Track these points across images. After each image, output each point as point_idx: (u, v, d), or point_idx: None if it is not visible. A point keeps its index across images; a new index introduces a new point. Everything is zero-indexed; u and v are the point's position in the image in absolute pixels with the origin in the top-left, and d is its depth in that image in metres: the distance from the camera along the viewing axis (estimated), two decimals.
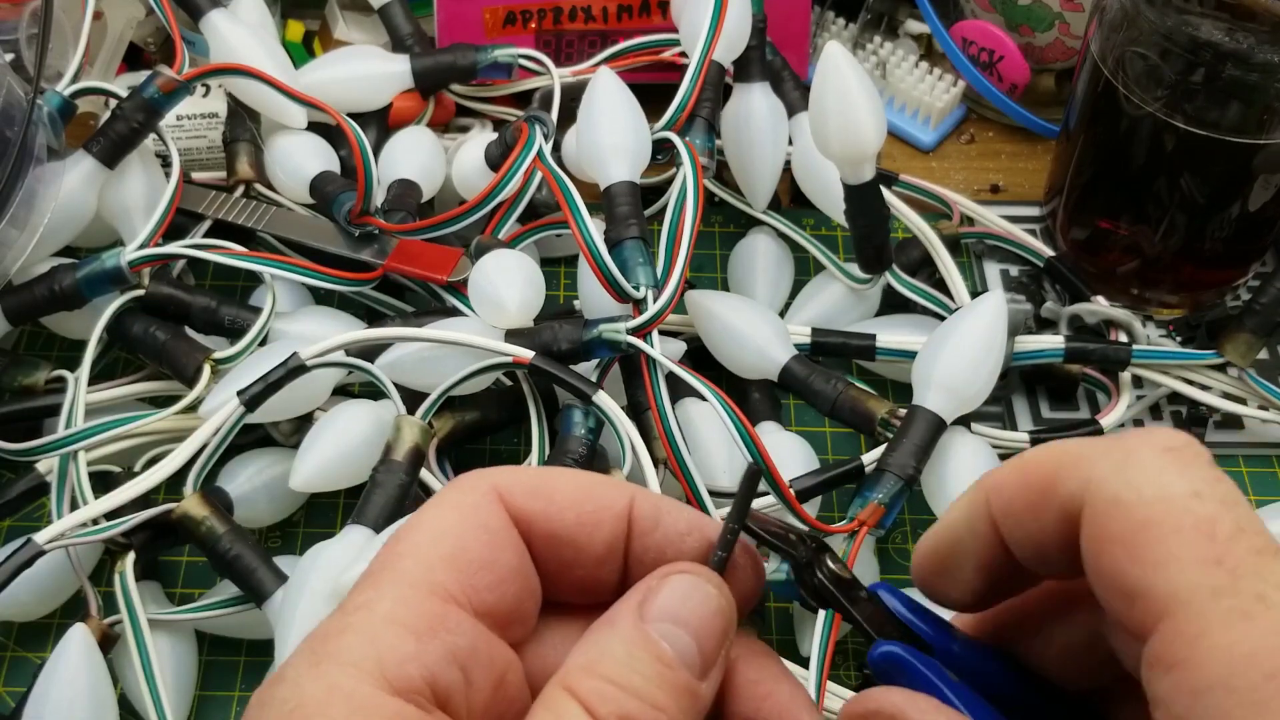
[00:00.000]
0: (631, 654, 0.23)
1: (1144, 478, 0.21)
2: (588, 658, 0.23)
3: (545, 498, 0.24)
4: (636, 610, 0.23)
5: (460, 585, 0.23)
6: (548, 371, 0.45)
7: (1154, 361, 0.53)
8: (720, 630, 0.24)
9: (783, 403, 0.54)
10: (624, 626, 0.23)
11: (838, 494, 0.51)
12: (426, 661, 0.22)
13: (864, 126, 0.47)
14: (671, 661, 0.23)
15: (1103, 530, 0.21)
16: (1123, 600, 0.20)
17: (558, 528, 0.24)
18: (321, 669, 0.21)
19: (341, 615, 0.23)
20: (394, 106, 0.59)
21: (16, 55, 0.56)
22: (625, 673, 0.22)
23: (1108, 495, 0.21)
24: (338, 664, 0.21)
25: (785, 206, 0.61)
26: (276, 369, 0.45)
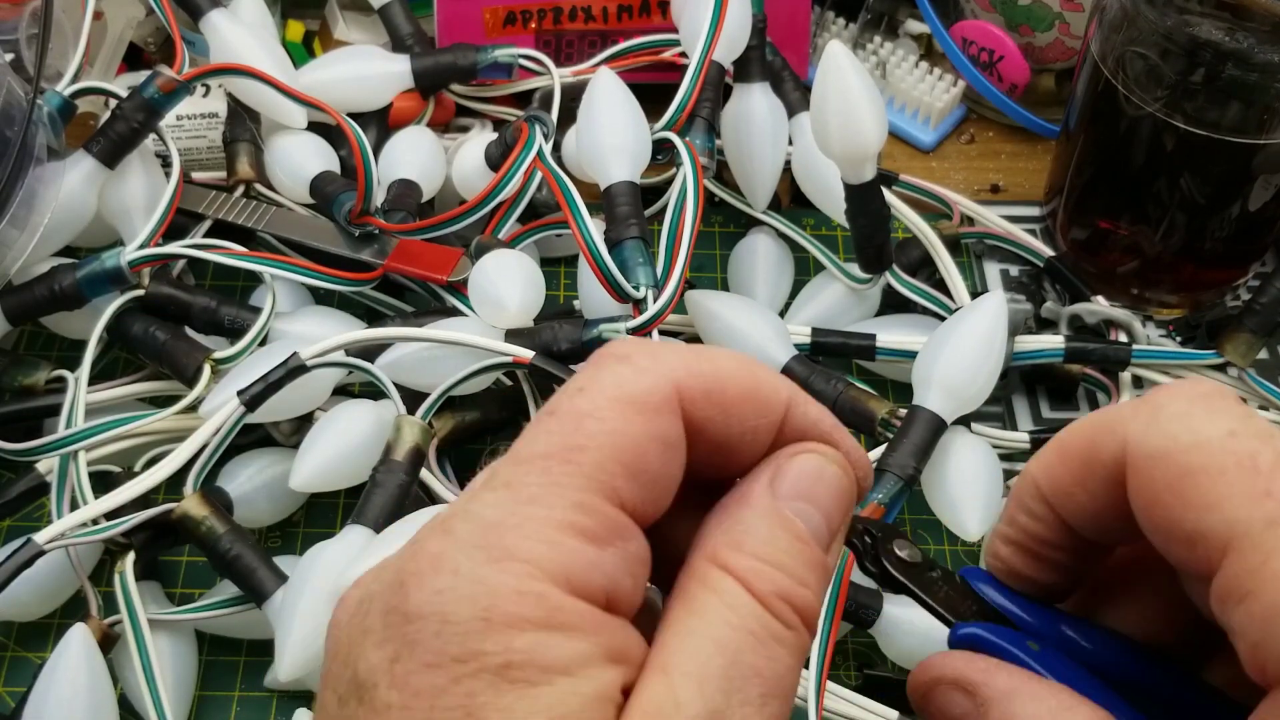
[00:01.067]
0: (773, 532, 0.23)
1: (1178, 426, 0.21)
2: (731, 535, 0.23)
3: (719, 405, 0.24)
4: (769, 488, 0.24)
5: (633, 494, 0.22)
6: (548, 371, 0.45)
7: (1154, 361, 0.53)
8: (844, 507, 0.25)
9: None
10: (761, 504, 0.24)
11: None
12: (606, 570, 0.21)
13: (865, 126, 0.47)
14: (806, 537, 0.23)
15: (1149, 484, 0.22)
16: (1184, 546, 0.21)
17: (726, 437, 0.24)
18: (504, 565, 0.21)
19: (514, 503, 0.22)
20: (394, 106, 0.59)
21: (16, 55, 0.56)
22: (772, 550, 0.23)
23: (1147, 451, 0.22)
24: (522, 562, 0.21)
25: (785, 206, 0.61)
26: (277, 369, 0.45)
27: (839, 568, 0.43)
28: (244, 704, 0.46)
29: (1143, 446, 0.22)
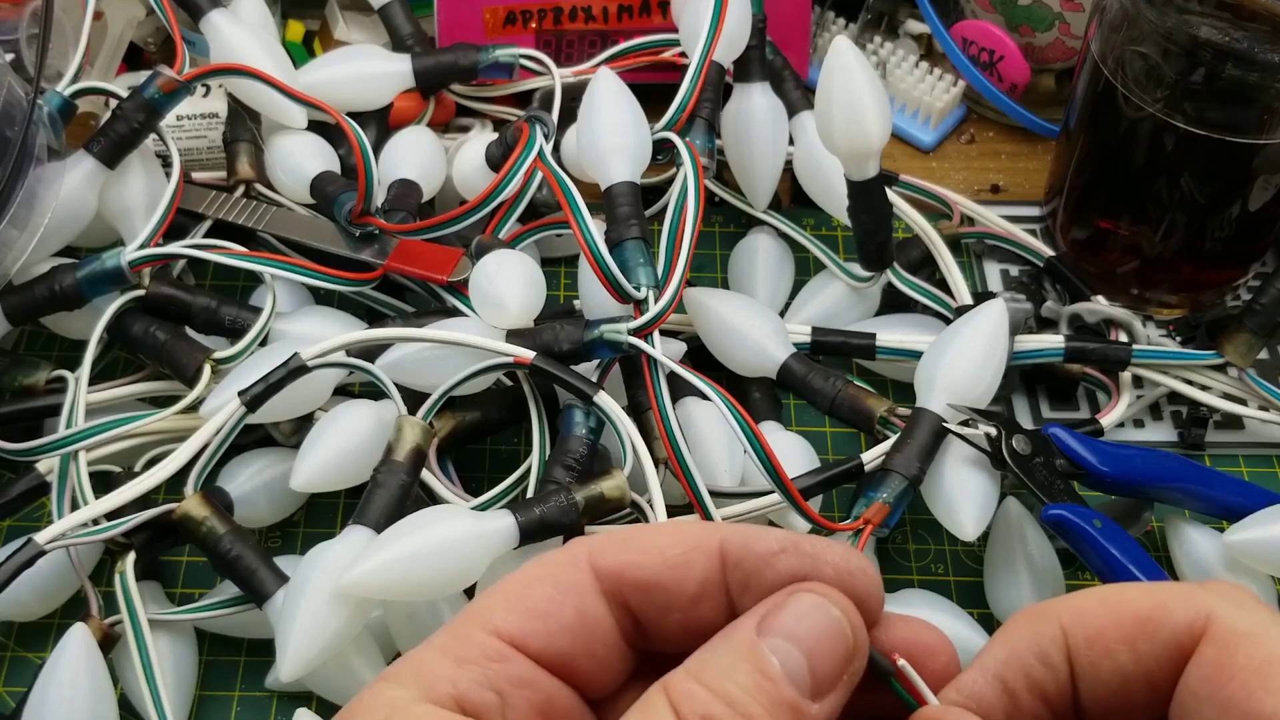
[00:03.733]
0: (734, 663, 0.23)
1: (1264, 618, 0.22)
2: (694, 663, 0.23)
3: (633, 549, 0.25)
4: (755, 625, 0.24)
5: (509, 626, 0.24)
6: (549, 372, 0.45)
7: (1154, 361, 0.53)
8: (840, 653, 0.23)
9: (783, 402, 0.54)
10: (738, 638, 0.23)
11: (837, 493, 0.51)
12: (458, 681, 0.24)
13: (869, 122, 0.47)
14: (776, 676, 0.23)
15: (1231, 659, 0.22)
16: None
17: (647, 574, 0.25)
18: (374, 685, 0.24)
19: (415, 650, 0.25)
20: (394, 106, 0.59)
21: (16, 55, 0.56)
22: (721, 679, 0.23)
23: (1239, 628, 0.22)
24: (385, 680, 0.24)
25: (785, 206, 0.61)
26: (277, 369, 0.45)
27: None
28: (244, 704, 0.46)
29: (1233, 620, 0.22)
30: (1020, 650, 0.24)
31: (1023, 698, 0.24)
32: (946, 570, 0.50)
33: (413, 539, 0.40)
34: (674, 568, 0.25)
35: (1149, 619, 0.23)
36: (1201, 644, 0.23)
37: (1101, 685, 0.24)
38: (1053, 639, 0.24)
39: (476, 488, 0.48)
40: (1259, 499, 0.47)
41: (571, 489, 0.42)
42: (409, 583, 0.40)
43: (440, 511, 0.41)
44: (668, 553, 0.25)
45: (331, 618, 0.40)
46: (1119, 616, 0.24)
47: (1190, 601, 0.23)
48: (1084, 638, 0.24)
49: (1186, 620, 0.23)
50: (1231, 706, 0.22)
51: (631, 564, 0.25)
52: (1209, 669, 0.22)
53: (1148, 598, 0.24)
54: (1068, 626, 0.24)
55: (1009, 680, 0.24)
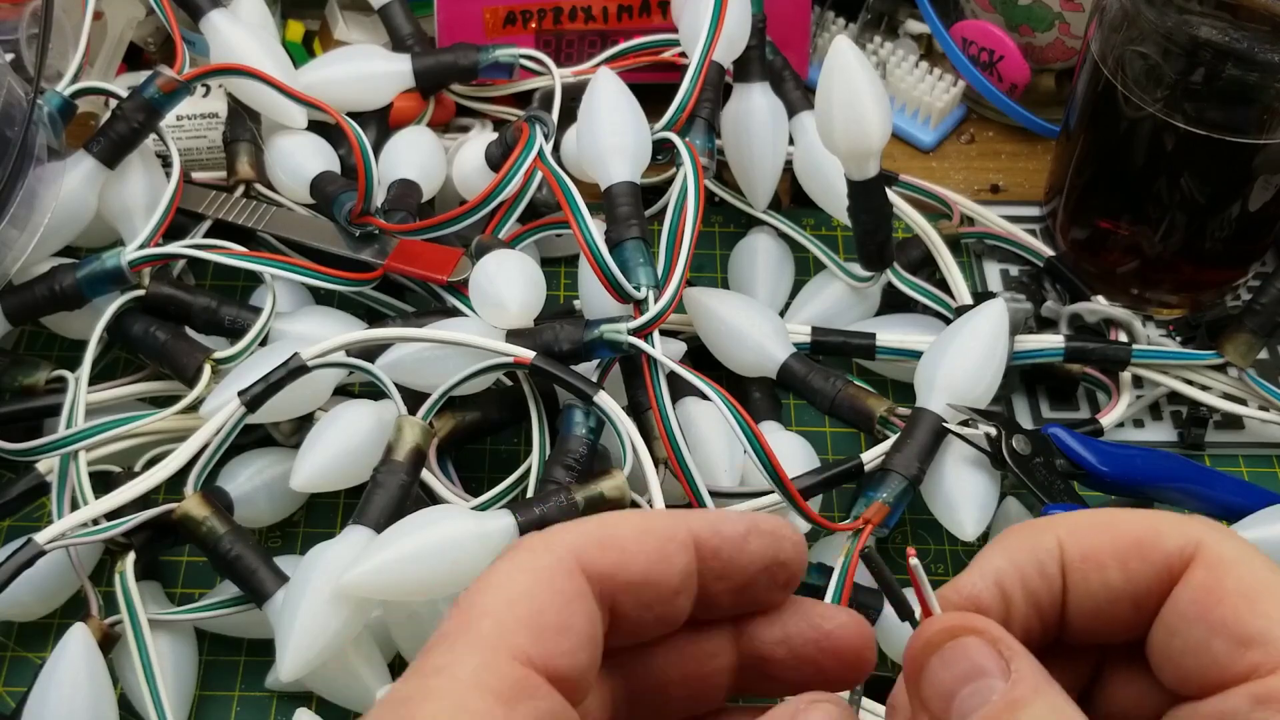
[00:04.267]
0: None
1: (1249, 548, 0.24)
2: None
3: (616, 548, 0.25)
4: None
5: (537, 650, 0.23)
6: (549, 372, 0.45)
7: (1154, 361, 0.53)
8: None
9: (783, 402, 0.54)
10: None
11: (837, 493, 0.51)
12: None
13: (870, 122, 0.47)
14: None
15: (1220, 582, 0.23)
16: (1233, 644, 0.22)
17: (635, 574, 0.25)
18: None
19: (420, 679, 0.23)
20: (394, 106, 0.59)
21: (16, 55, 0.56)
22: None
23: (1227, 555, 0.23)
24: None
25: (785, 206, 0.61)
26: (277, 370, 0.45)
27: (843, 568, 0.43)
28: (244, 704, 0.46)
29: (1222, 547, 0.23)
30: (1019, 560, 0.25)
31: (1017, 605, 0.25)
32: (946, 570, 0.50)
33: (413, 539, 0.40)
34: (656, 563, 0.25)
35: (1142, 541, 0.24)
36: (1191, 568, 0.23)
37: (1090, 599, 0.24)
38: (1049, 551, 0.25)
39: (476, 488, 0.48)
40: (1259, 499, 0.47)
41: (572, 489, 0.42)
42: (409, 583, 0.40)
43: (440, 511, 0.41)
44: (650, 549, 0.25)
45: (332, 618, 0.40)
46: (1114, 536, 0.24)
47: (1182, 529, 0.24)
48: (1079, 553, 0.25)
49: (1178, 545, 0.24)
50: (1220, 627, 0.23)
51: (619, 565, 0.25)
52: (1199, 591, 0.23)
53: (1142, 522, 0.24)
54: (1064, 541, 0.25)
55: (1006, 587, 0.25)
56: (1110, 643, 0.25)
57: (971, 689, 0.22)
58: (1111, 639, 0.25)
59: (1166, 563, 0.24)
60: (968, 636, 0.23)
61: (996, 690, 0.22)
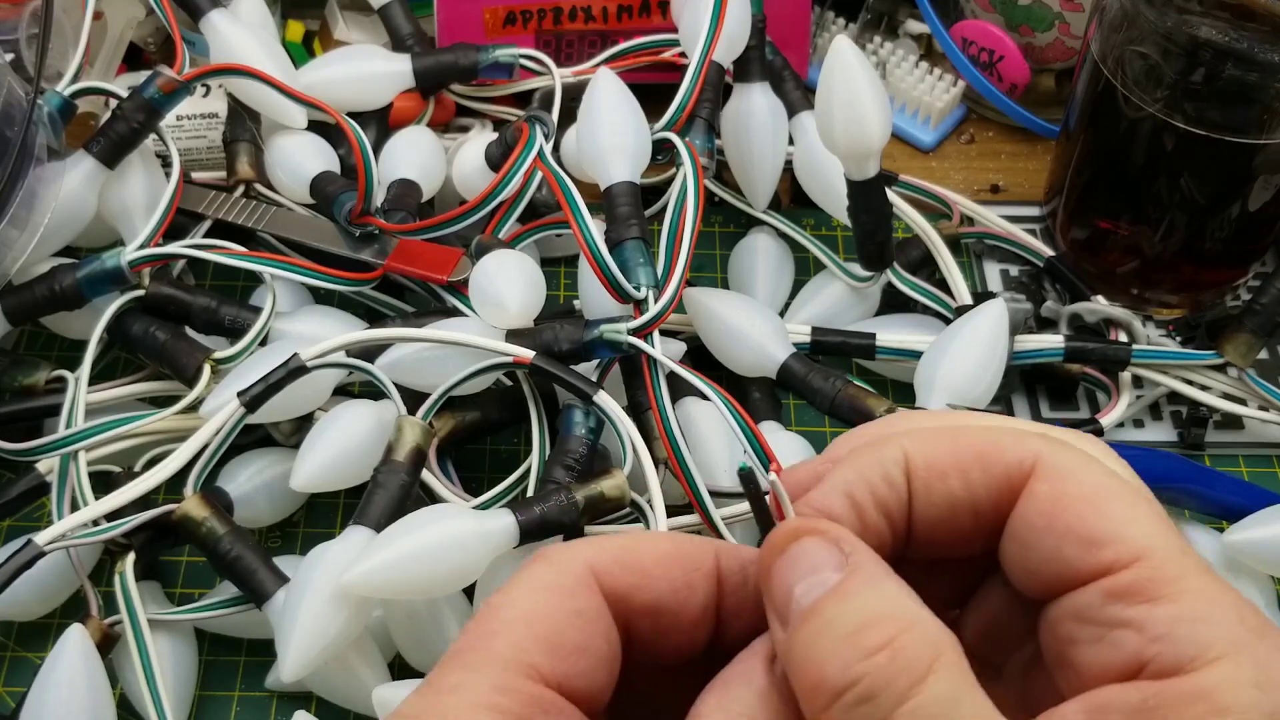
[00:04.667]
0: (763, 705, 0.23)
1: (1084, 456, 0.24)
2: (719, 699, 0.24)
3: (637, 570, 0.25)
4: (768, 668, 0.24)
5: (554, 668, 0.23)
6: (549, 371, 0.45)
7: (1154, 361, 0.53)
8: None
9: (783, 402, 0.54)
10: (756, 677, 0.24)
11: None
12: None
13: (870, 121, 0.47)
14: None
15: (1062, 491, 0.24)
16: (1083, 547, 0.23)
17: (653, 599, 0.25)
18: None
19: (434, 695, 0.23)
20: (394, 106, 0.59)
21: (16, 55, 0.56)
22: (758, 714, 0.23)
23: (1065, 465, 0.24)
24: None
25: (785, 206, 0.61)
26: (277, 370, 0.45)
27: None
28: (244, 704, 0.46)
29: (1060, 460, 0.24)
30: (866, 471, 0.25)
31: (869, 514, 0.25)
32: None
33: (413, 538, 0.40)
34: (678, 591, 0.25)
35: (983, 453, 0.25)
36: (1032, 480, 0.24)
37: (932, 508, 0.25)
38: (895, 460, 0.25)
39: (476, 488, 0.48)
40: (1259, 499, 0.47)
41: (572, 488, 0.42)
42: (410, 581, 0.40)
43: (440, 510, 0.41)
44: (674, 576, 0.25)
45: (333, 618, 0.40)
46: (956, 448, 0.25)
47: (1020, 442, 0.25)
48: (922, 461, 0.25)
49: (1016, 457, 0.24)
50: (1067, 533, 0.23)
51: (638, 587, 0.25)
52: (1043, 502, 0.24)
53: (984, 435, 0.25)
54: (909, 451, 0.25)
55: (857, 497, 0.25)
56: (952, 556, 0.26)
57: (809, 582, 0.23)
58: (953, 551, 0.26)
59: (1006, 474, 0.24)
60: (808, 537, 0.24)
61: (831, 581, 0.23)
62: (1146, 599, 0.22)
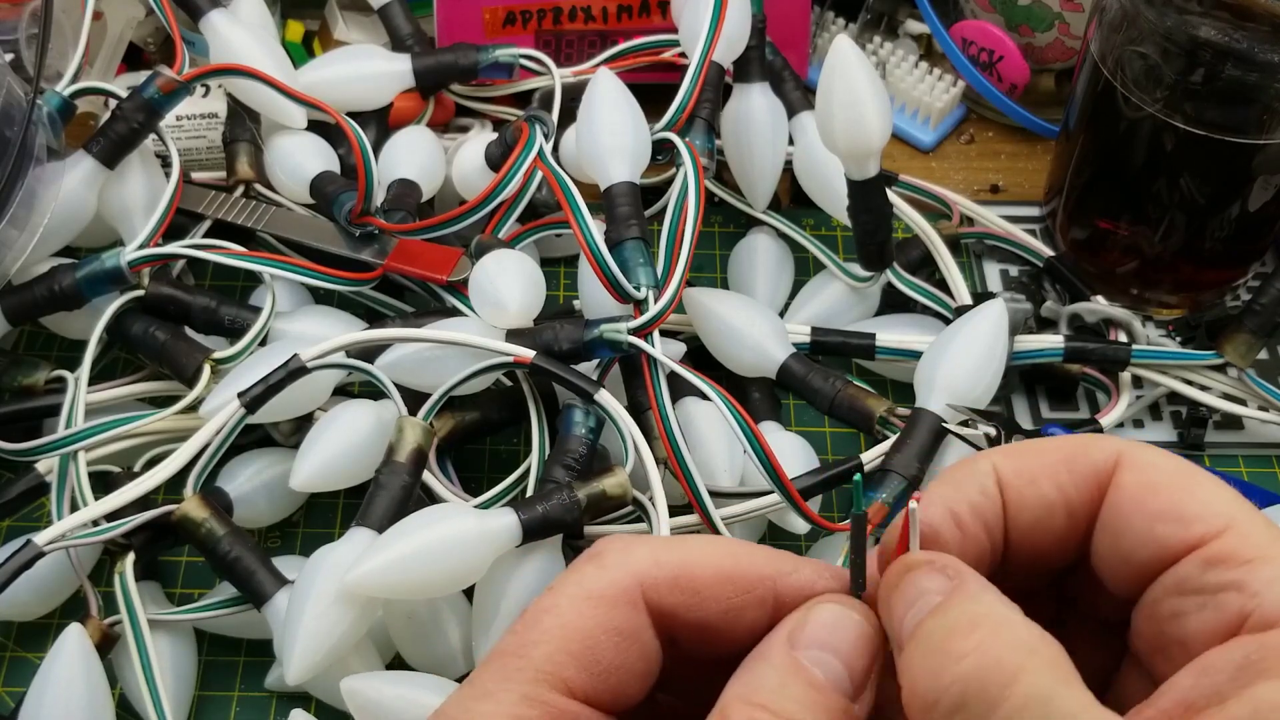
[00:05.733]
0: (784, 681, 0.24)
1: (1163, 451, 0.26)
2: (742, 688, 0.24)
3: (689, 590, 0.25)
4: (786, 641, 0.25)
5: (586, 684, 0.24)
6: (549, 371, 0.45)
7: (1154, 361, 0.53)
8: (869, 652, 0.25)
9: (783, 402, 0.54)
10: (776, 657, 0.24)
11: (837, 493, 0.51)
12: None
13: (870, 121, 0.47)
14: (823, 685, 0.24)
15: (1148, 478, 0.25)
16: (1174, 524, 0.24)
17: (701, 618, 0.25)
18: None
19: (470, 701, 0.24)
20: (394, 106, 0.59)
21: (16, 55, 0.56)
22: (779, 699, 0.23)
23: (1146, 457, 0.26)
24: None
25: (785, 206, 0.61)
26: (277, 371, 0.45)
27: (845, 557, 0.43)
28: (244, 704, 0.46)
29: (1143, 453, 0.26)
30: (964, 486, 0.26)
31: (969, 527, 0.26)
32: None
33: (415, 538, 0.40)
34: (727, 613, 0.25)
35: (1068, 457, 0.26)
36: (1117, 474, 0.25)
37: (1027, 512, 0.26)
38: (986, 472, 0.26)
39: (476, 488, 0.48)
40: (1259, 499, 0.47)
41: (574, 487, 0.42)
42: (412, 581, 0.40)
43: (442, 510, 0.41)
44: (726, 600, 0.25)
45: (338, 621, 0.40)
46: (1042, 456, 0.26)
47: (1103, 444, 0.26)
48: (1011, 471, 0.26)
49: (1101, 457, 0.26)
50: (1159, 514, 0.25)
51: (686, 607, 0.25)
52: (1131, 489, 0.25)
53: (1067, 443, 0.27)
54: (998, 464, 0.26)
55: (957, 512, 0.26)
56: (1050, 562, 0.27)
57: (917, 607, 0.24)
58: (1050, 555, 0.26)
59: (1094, 471, 0.26)
60: (916, 570, 0.24)
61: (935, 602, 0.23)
62: (1242, 562, 0.23)
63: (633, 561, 0.25)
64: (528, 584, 0.42)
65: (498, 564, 0.41)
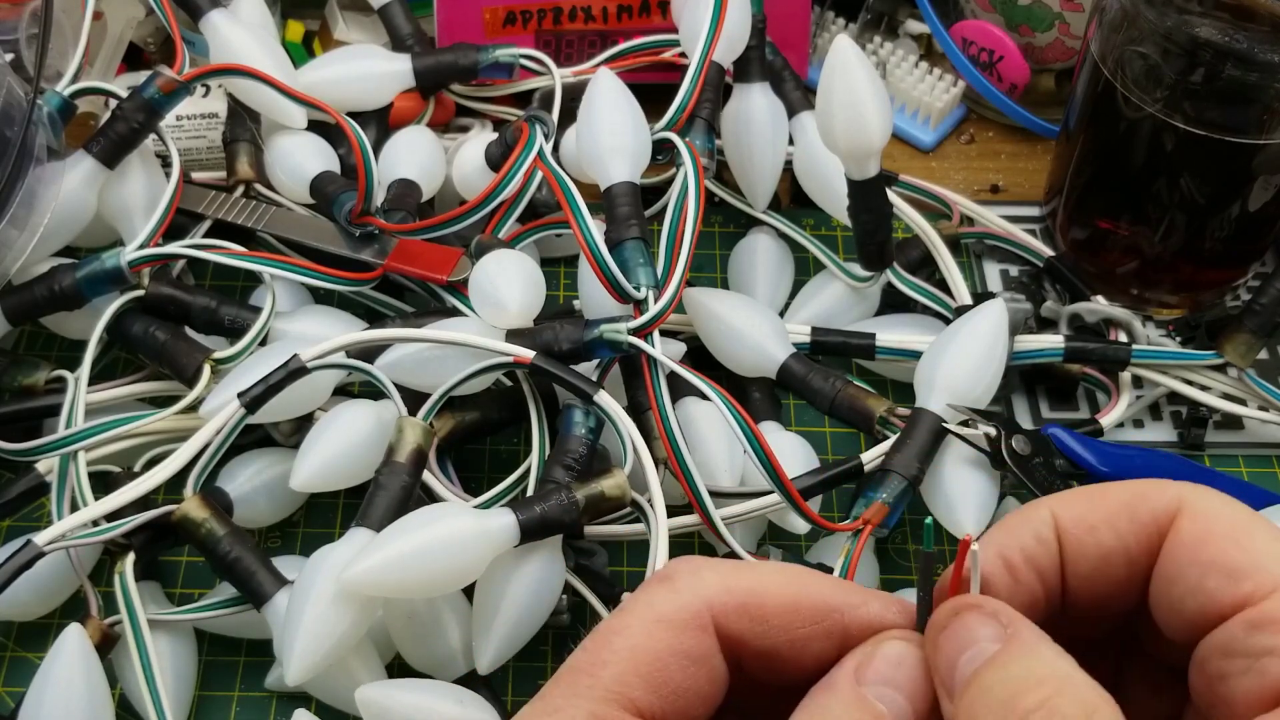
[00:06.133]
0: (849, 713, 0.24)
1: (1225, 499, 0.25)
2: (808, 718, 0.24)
3: (757, 617, 0.26)
4: (853, 675, 0.25)
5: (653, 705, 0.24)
6: (549, 371, 0.45)
7: (1154, 361, 0.53)
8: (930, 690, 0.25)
9: (783, 402, 0.54)
10: (842, 691, 0.25)
11: (837, 493, 0.51)
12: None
13: (871, 120, 0.47)
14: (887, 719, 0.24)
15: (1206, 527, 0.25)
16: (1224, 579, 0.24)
17: (768, 646, 0.26)
18: None
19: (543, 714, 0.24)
20: (394, 106, 0.59)
21: (16, 55, 0.56)
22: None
23: (1208, 505, 0.25)
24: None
25: (785, 206, 0.61)
26: (277, 371, 0.45)
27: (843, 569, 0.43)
28: (244, 704, 0.46)
29: (1205, 501, 0.25)
30: (1018, 532, 0.26)
31: (1021, 573, 0.26)
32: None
33: (414, 536, 0.40)
34: (794, 643, 0.26)
35: (1129, 503, 0.26)
36: (1177, 520, 0.25)
37: (1085, 560, 0.26)
38: (1044, 520, 0.26)
39: (476, 488, 0.48)
40: (1259, 499, 0.47)
41: (573, 487, 0.42)
42: (409, 580, 0.40)
43: (441, 509, 0.41)
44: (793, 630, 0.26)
45: (338, 621, 0.40)
46: (1102, 502, 0.26)
47: (1164, 490, 0.26)
48: (1071, 519, 0.26)
49: (1162, 504, 0.25)
50: (1211, 565, 0.24)
51: (754, 634, 0.26)
52: (1188, 536, 0.25)
53: (1127, 489, 0.26)
54: (1056, 511, 0.26)
55: (1010, 558, 0.26)
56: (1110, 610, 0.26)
57: (971, 654, 0.24)
58: (1110, 603, 0.26)
59: (1154, 518, 0.25)
60: (969, 612, 0.24)
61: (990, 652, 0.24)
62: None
63: (703, 586, 0.26)
64: (527, 584, 0.42)
65: (497, 564, 0.41)
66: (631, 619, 0.25)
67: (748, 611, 0.26)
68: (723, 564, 0.27)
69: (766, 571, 0.26)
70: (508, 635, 0.42)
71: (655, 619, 0.25)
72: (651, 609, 0.25)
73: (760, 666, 0.26)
